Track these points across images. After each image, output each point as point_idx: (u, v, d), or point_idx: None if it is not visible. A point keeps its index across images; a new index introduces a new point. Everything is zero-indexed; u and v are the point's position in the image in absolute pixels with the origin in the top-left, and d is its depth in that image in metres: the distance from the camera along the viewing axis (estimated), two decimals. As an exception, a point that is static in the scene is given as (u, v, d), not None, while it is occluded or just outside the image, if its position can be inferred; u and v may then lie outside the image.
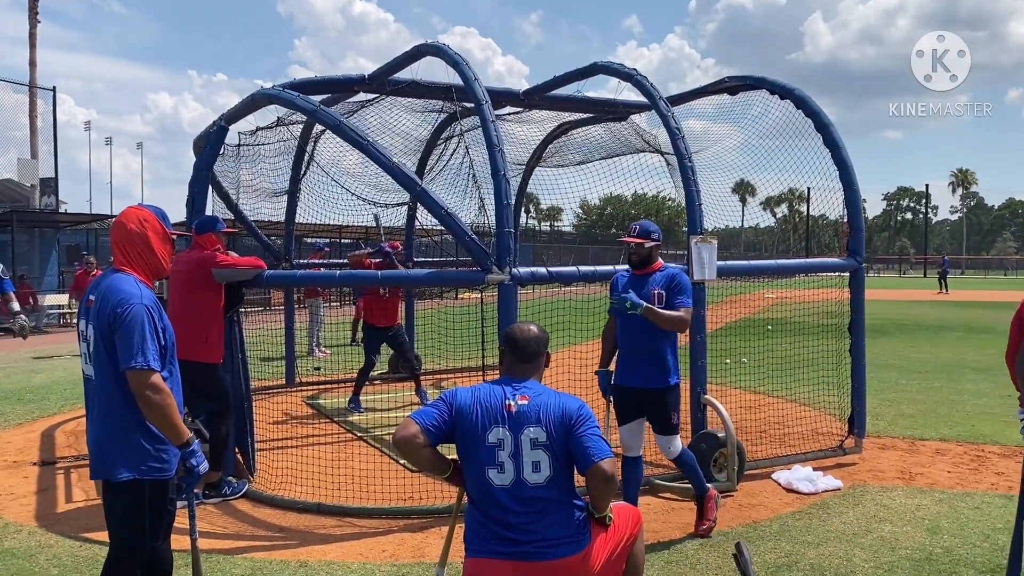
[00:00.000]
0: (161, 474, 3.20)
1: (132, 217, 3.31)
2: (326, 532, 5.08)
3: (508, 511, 3.01)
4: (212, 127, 6.83)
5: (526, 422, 3.06)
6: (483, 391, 3.19)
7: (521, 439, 3.04)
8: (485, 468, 3.05)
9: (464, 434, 3.11)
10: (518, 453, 3.03)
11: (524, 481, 3.02)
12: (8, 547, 4.85)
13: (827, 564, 4.51)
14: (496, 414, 3.09)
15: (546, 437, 3.03)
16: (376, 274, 6.91)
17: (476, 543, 3.08)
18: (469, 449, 3.11)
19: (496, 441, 3.05)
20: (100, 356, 3.13)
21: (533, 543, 2.99)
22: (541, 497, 3.02)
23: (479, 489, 3.08)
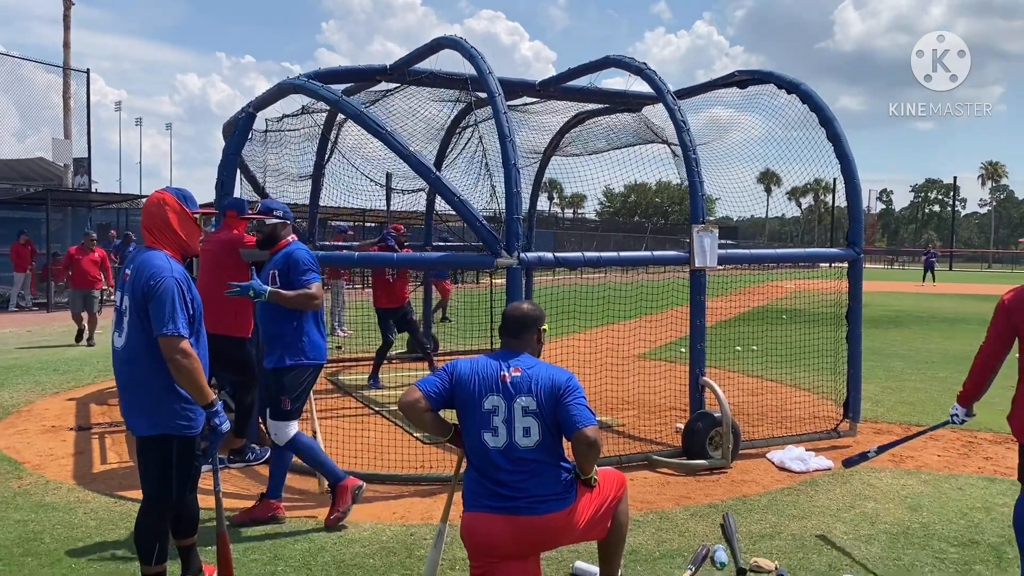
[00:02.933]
0: (187, 431, 3.58)
1: (154, 200, 3.70)
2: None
3: (501, 470, 3.34)
4: (241, 113, 7.18)
5: (518, 391, 3.38)
6: (481, 363, 3.53)
7: (514, 407, 3.36)
8: (481, 432, 3.39)
9: (463, 401, 3.45)
10: (511, 419, 3.36)
11: (515, 444, 3.34)
12: (49, 502, 5.27)
13: (807, 535, 4.80)
14: (492, 383, 3.42)
15: (536, 406, 3.35)
16: (392, 256, 7.26)
17: (472, 499, 3.42)
18: (467, 414, 3.45)
19: (491, 407, 3.38)
20: (134, 324, 3.50)
21: (523, 499, 3.32)
22: (531, 459, 3.35)
23: (476, 450, 3.42)
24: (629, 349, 9.69)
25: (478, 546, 3.36)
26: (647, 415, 7.60)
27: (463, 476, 3.60)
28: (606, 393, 7.59)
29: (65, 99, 26.08)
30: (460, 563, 4.32)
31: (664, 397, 7.74)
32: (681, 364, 10.12)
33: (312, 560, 4.36)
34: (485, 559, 3.35)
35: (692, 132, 6.46)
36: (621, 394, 7.76)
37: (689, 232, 6.27)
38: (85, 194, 23.70)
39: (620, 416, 7.67)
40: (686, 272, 6.46)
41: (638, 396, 7.88)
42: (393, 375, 9.79)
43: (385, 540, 4.66)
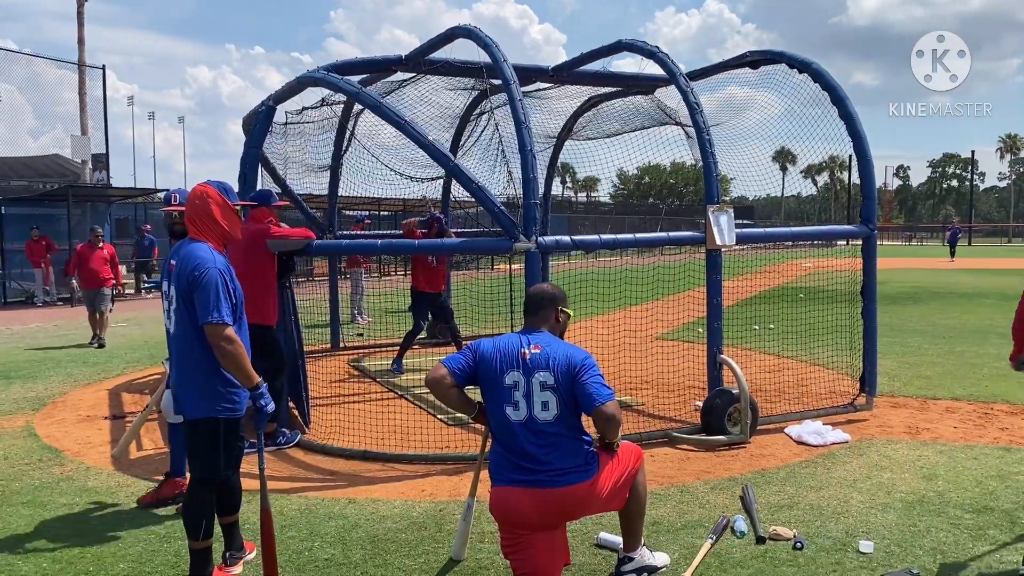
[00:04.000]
0: (232, 413, 3.77)
1: (197, 194, 3.87)
2: (371, 475, 5.64)
3: (524, 443, 3.50)
4: (261, 107, 7.33)
5: (537, 368, 3.54)
6: (503, 341, 3.70)
7: (532, 382, 3.52)
8: (503, 406, 3.55)
9: (486, 377, 3.62)
10: (530, 393, 3.52)
11: (535, 418, 3.50)
12: (92, 486, 5.49)
13: (825, 504, 4.94)
14: (513, 360, 3.59)
15: (553, 381, 3.50)
16: (413, 243, 7.41)
17: (499, 474, 3.59)
18: (490, 389, 3.62)
19: (512, 383, 3.55)
20: (180, 312, 3.68)
21: (546, 472, 3.48)
22: (550, 432, 3.50)
23: (499, 424, 3.59)
24: (647, 330, 9.81)
25: (507, 519, 3.53)
26: (665, 394, 7.74)
27: (488, 453, 3.75)
28: (625, 373, 7.74)
29: (81, 95, 26.35)
30: (488, 536, 4.49)
31: (682, 376, 7.87)
32: (699, 344, 10.25)
33: (347, 536, 4.54)
34: (514, 531, 3.51)
35: (705, 113, 6.54)
36: (640, 374, 7.90)
37: (704, 212, 6.38)
38: (104, 189, 24.01)
39: (639, 395, 7.81)
40: (702, 254, 6.57)
41: (656, 376, 8.02)
42: (416, 360, 9.96)
43: (415, 516, 4.83)
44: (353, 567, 4.16)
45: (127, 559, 4.26)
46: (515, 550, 3.51)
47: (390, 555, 4.29)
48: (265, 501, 3.90)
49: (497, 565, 4.15)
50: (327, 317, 11.30)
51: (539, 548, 3.47)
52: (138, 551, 4.36)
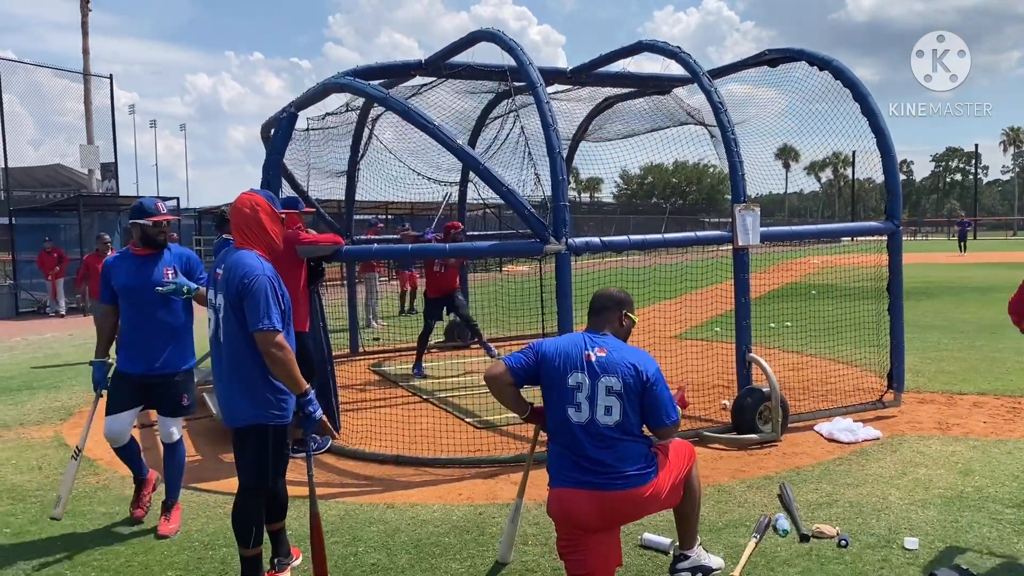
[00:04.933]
0: (281, 420, 3.79)
1: (246, 202, 3.87)
2: (406, 480, 5.65)
3: (584, 445, 3.50)
4: (282, 113, 7.35)
5: (603, 372, 3.53)
6: (566, 341, 3.72)
7: (598, 385, 3.52)
8: (565, 406, 3.55)
9: (548, 376, 3.62)
10: (594, 397, 3.51)
11: (596, 421, 3.50)
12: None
13: (864, 502, 4.93)
14: (577, 361, 3.58)
15: (621, 387, 3.51)
16: (444, 247, 7.42)
17: (558, 475, 3.59)
18: (551, 389, 3.62)
19: (575, 384, 3.55)
20: (229, 321, 3.69)
21: (606, 475, 3.48)
22: (611, 436, 3.50)
23: (559, 425, 3.58)
24: (664, 330, 9.80)
25: (565, 520, 3.53)
26: (691, 393, 7.69)
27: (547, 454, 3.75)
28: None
29: (87, 105, 26.41)
30: (531, 539, 4.51)
31: (706, 375, 7.87)
32: (718, 343, 10.28)
33: (390, 540, 4.55)
34: (572, 531, 3.52)
35: (729, 112, 6.55)
36: (664, 374, 7.86)
37: (731, 211, 6.38)
38: (114, 198, 24.06)
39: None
40: (713, 253, 6.59)
41: (681, 375, 7.99)
42: (436, 364, 9.97)
43: (456, 520, 4.84)
44: (400, 572, 4.17)
45: (174, 567, 4.28)
46: (572, 551, 3.51)
47: (435, 559, 4.30)
48: (314, 506, 3.91)
49: (544, 568, 4.16)
50: (340, 322, 11.30)
51: (595, 549, 3.48)
52: (184, 559, 4.38)
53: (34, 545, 4.65)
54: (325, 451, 6.33)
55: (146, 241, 4.89)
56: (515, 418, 6.95)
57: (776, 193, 78.90)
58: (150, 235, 4.88)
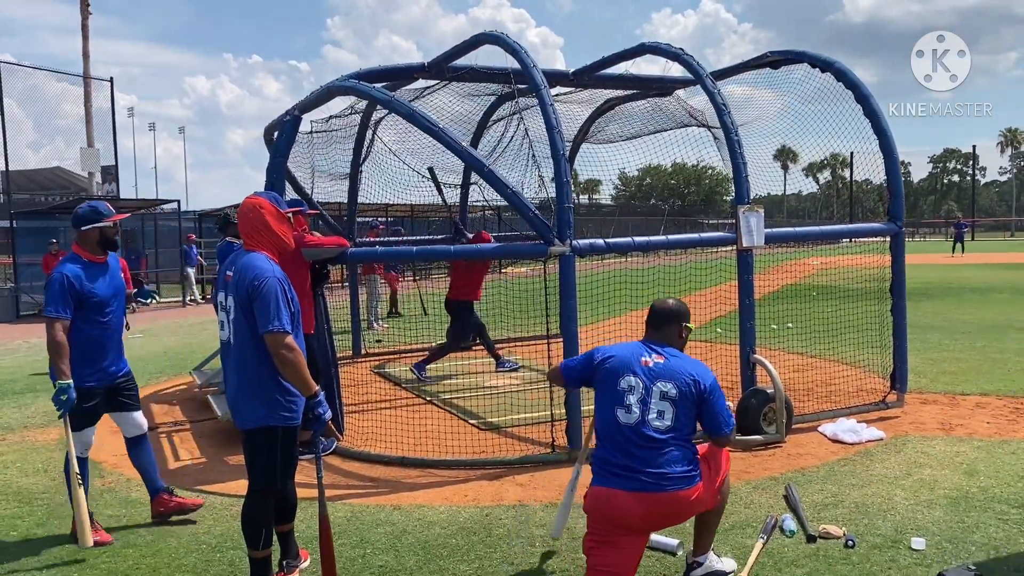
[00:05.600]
0: (291, 422, 3.80)
1: (250, 206, 3.89)
2: (412, 481, 5.66)
3: (631, 446, 3.56)
4: (286, 116, 7.35)
5: (660, 377, 3.62)
6: (625, 347, 3.83)
7: (652, 389, 3.60)
8: (614, 407, 3.63)
9: (601, 378, 3.75)
10: (647, 399, 3.59)
11: (647, 423, 3.57)
12: (135, 498, 5.50)
13: (870, 502, 4.95)
14: (633, 365, 3.68)
15: (676, 394, 3.58)
16: (449, 249, 7.43)
17: (603, 474, 3.63)
18: (603, 390, 3.72)
19: (627, 387, 3.63)
20: (239, 322, 3.70)
21: (652, 476, 3.52)
22: (660, 439, 3.55)
23: (607, 426, 3.65)
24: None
25: (606, 518, 3.56)
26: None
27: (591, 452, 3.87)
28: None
29: (87, 108, 26.41)
30: (539, 540, 4.51)
31: (709, 376, 7.86)
32: (719, 344, 10.27)
33: (397, 542, 4.56)
34: (607, 529, 3.55)
35: (733, 114, 6.57)
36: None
37: (735, 213, 6.40)
38: (114, 201, 24.03)
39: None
40: (714, 254, 6.61)
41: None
42: (439, 365, 9.96)
43: (463, 521, 4.85)
44: (408, 573, 4.18)
45: (182, 569, 4.29)
46: (602, 546, 3.55)
47: (443, 560, 4.31)
48: (323, 508, 3.91)
49: (553, 568, 4.17)
50: (342, 324, 11.30)
51: (626, 549, 3.54)
52: (192, 561, 4.38)
53: (41, 547, 4.66)
54: (330, 453, 6.33)
55: (105, 244, 4.81)
56: (519, 420, 7.00)
57: (775, 194, 79.05)
58: (109, 236, 4.82)
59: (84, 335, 4.65)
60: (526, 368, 9.70)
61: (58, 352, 4.50)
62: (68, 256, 4.77)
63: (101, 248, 4.80)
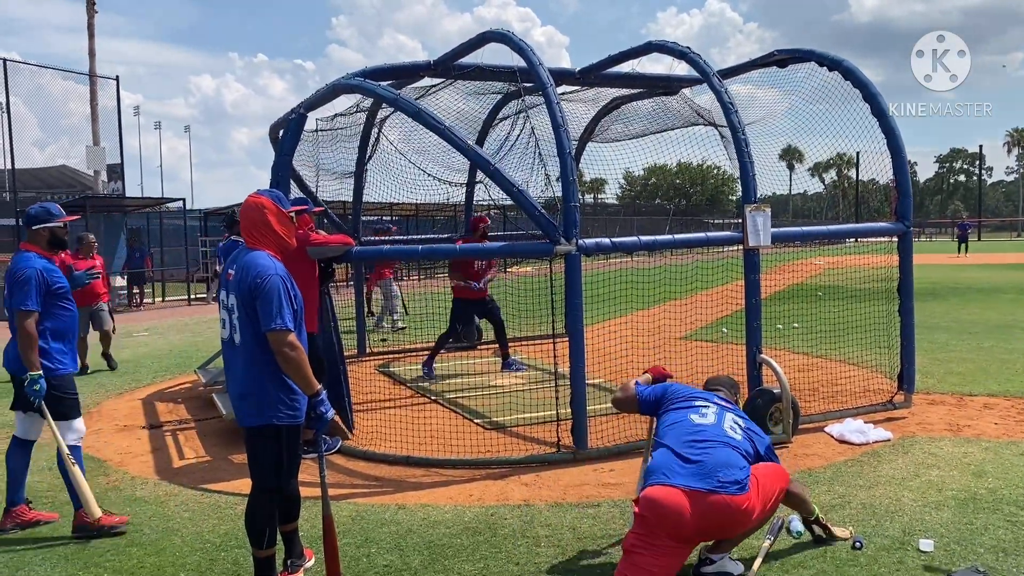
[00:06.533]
0: (293, 420, 3.78)
1: (252, 205, 3.88)
2: (416, 480, 5.64)
3: (698, 441, 3.80)
4: (291, 114, 7.34)
5: (731, 411, 4.16)
6: (693, 390, 4.37)
7: (724, 416, 4.06)
8: (687, 413, 4.03)
9: (672, 403, 4.19)
10: (721, 417, 4.04)
11: (721, 427, 3.95)
12: (140, 496, 5.50)
13: (878, 504, 4.91)
14: (706, 399, 4.21)
15: (745, 425, 4.10)
16: (455, 248, 7.41)
17: (662, 475, 3.73)
18: (676, 407, 4.14)
19: (702, 404, 4.13)
20: (242, 320, 3.69)
21: (711, 475, 3.66)
22: (728, 441, 3.85)
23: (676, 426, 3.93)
24: (670, 332, 9.79)
25: (660, 519, 3.60)
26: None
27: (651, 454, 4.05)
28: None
29: (93, 107, 26.43)
30: (544, 540, 4.49)
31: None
32: (724, 344, 10.26)
33: (402, 542, 4.54)
34: (655, 532, 3.59)
35: (740, 113, 6.53)
36: (673, 375, 7.85)
37: (742, 212, 6.37)
38: (120, 200, 24.10)
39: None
40: (719, 254, 6.58)
41: (687, 377, 7.96)
42: (446, 365, 9.96)
43: (467, 520, 4.83)
44: (413, 573, 4.16)
45: (187, 568, 4.27)
46: (648, 547, 3.59)
47: (448, 560, 4.29)
48: (327, 508, 3.90)
49: (559, 569, 4.15)
50: (348, 323, 11.30)
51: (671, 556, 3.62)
52: (196, 560, 4.37)
53: (47, 545, 4.65)
54: (335, 452, 6.32)
55: (55, 243, 5.03)
56: (524, 419, 6.99)
57: (780, 194, 78.84)
58: (59, 236, 5.05)
59: (56, 324, 4.87)
60: (532, 368, 9.68)
61: (33, 345, 4.69)
62: (26, 254, 4.90)
63: (51, 247, 5.02)
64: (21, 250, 4.99)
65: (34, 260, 4.83)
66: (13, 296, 4.73)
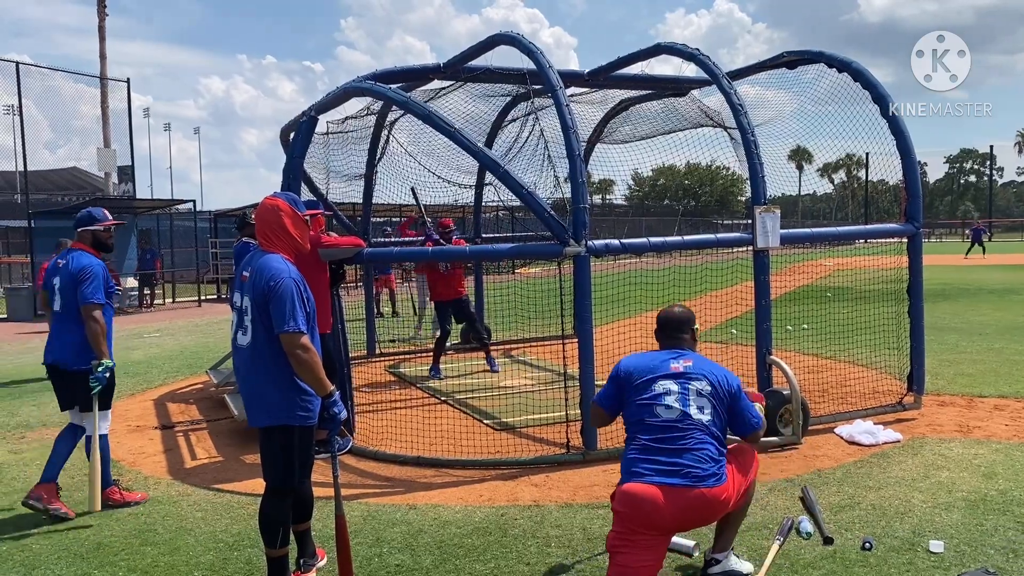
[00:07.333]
0: (307, 421, 3.82)
1: (269, 207, 3.92)
2: (427, 481, 5.67)
3: (670, 439, 3.60)
4: (302, 117, 7.39)
5: (693, 378, 3.72)
6: (648, 357, 3.89)
7: (688, 388, 3.70)
8: (653, 407, 3.69)
9: (632, 389, 3.79)
10: (685, 398, 3.68)
11: (690, 415, 3.64)
12: (153, 496, 5.54)
13: (887, 505, 4.92)
14: (662, 372, 3.76)
15: (711, 390, 3.70)
16: (464, 249, 7.46)
17: (636, 471, 3.63)
18: (639, 397, 3.75)
19: (663, 391, 3.71)
20: (256, 322, 3.72)
21: (686, 474, 3.54)
22: (699, 433, 3.62)
23: (643, 424, 3.70)
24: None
25: (635, 515, 3.55)
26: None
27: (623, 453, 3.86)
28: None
29: (103, 109, 26.61)
30: (554, 541, 4.51)
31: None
32: (733, 345, 10.26)
33: (413, 541, 4.57)
34: (633, 528, 3.54)
35: (749, 114, 6.55)
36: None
37: (751, 214, 6.38)
38: (130, 201, 24.24)
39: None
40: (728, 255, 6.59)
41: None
42: (454, 366, 10.00)
43: (478, 521, 4.86)
44: (424, 572, 4.19)
45: (200, 567, 4.31)
46: (626, 546, 3.54)
47: (459, 560, 4.32)
48: (339, 508, 3.93)
49: (568, 569, 4.17)
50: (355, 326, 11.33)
51: (650, 548, 3.54)
52: (209, 559, 4.41)
53: (62, 544, 4.69)
54: (346, 452, 6.36)
55: (98, 245, 5.42)
56: (534, 420, 7.01)
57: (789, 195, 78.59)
58: (101, 239, 5.44)
59: (107, 319, 5.26)
60: (539, 368, 9.70)
61: (103, 334, 5.14)
62: (84, 252, 5.33)
63: (94, 248, 5.41)
64: (74, 249, 5.38)
65: (95, 259, 5.28)
66: (83, 289, 5.12)
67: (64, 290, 5.25)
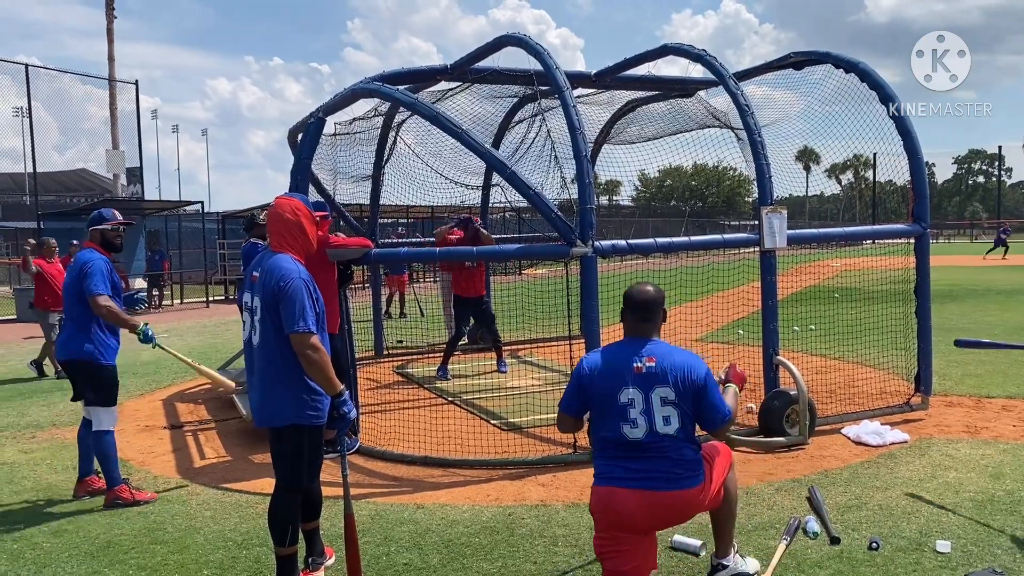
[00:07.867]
0: (316, 421, 3.84)
1: (287, 207, 3.94)
2: (435, 481, 5.70)
3: (639, 454, 3.48)
4: (310, 118, 7.42)
5: (656, 382, 3.47)
6: (611, 355, 3.63)
7: (652, 397, 3.46)
8: (618, 423, 3.48)
9: (597, 396, 3.58)
10: (649, 410, 3.46)
11: (656, 431, 3.46)
12: (163, 495, 5.58)
13: (894, 505, 4.92)
14: (625, 376, 3.50)
15: (675, 396, 3.46)
16: (472, 250, 7.48)
17: (607, 474, 3.54)
18: (602, 408, 3.56)
19: (627, 400, 3.48)
20: (265, 322, 3.75)
21: (658, 478, 3.45)
22: (670, 444, 3.47)
23: (611, 441, 3.53)
24: (685, 333, 9.79)
25: (611, 519, 3.50)
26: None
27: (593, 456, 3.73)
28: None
29: (112, 111, 26.75)
30: (561, 540, 4.53)
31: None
32: (740, 345, 10.27)
33: (421, 540, 4.59)
34: (614, 532, 3.50)
35: (756, 115, 6.56)
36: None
37: (758, 214, 6.39)
38: (139, 202, 24.36)
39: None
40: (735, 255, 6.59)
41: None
42: (461, 366, 10.02)
43: (485, 520, 4.88)
44: (432, 571, 4.21)
45: (210, 565, 4.34)
46: (611, 551, 3.50)
47: (467, 559, 4.34)
48: (348, 507, 3.96)
49: (576, 569, 4.19)
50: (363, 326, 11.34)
51: (634, 550, 3.48)
52: (219, 558, 4.44)
53: (72, 543, 4.73)
54: (353, 452, 6.38)
55: (106, 244, 5.63)
56: (541, 420, 7.02)
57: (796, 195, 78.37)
58: (109, 238, 5.65)
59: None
60: (546, 369, 9.72)
61: (119, 312, 5.42)
62: (90, 250, 5.54)
63: (103, 247, 5.63)
64: (84, 247, 5.62)
65: (98, 255, 5.49)
66: (86, 285, 5.29)
67: (66, 288, 5.49)
